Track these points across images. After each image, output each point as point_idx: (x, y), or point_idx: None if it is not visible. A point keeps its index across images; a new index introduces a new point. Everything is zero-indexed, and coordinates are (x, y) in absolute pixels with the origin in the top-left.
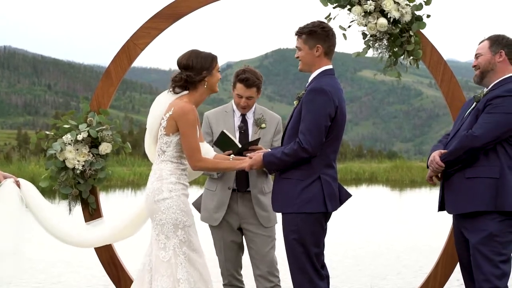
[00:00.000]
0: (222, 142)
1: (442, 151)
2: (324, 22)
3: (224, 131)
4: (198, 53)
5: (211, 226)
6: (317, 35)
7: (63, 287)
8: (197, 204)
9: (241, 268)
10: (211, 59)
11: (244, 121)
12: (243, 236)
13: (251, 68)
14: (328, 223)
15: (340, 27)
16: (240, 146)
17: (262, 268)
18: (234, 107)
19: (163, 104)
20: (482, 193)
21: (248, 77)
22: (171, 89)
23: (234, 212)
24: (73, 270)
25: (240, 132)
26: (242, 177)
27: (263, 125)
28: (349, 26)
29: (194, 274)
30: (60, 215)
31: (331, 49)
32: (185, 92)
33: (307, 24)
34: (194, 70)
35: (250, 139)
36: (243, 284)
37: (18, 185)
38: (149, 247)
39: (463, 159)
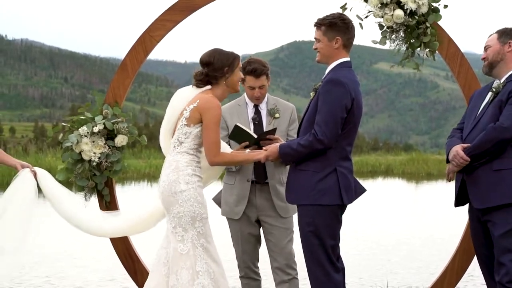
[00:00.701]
0: (237, 135)
1: (464, 145)
2: (344, 15)
3: (238, 124)
4: (221, 50)
5: (229, 219)
6: (337, 27)
7: (70, 281)
8: (217, 199)
9: (258, 260)
10: (233, 57)
11: (257, 112)
12: (261, 229)
13: (255, 58)
14: (344, 216)
15: (357, 16)
16: (255, 136)
17: (280, 261)
18: (247, 99)
19: (185, 98)
20: None
21: (255, 68)
22: (194, 85)
23: (252, 204)
24: (79, 264)
25: (254, 124)
26: (260, 168)
27: (276, 115)
28: (366, 17)
29: (213, 265)
30: (78, 204)
31: (350, 42)
32: (208, 87)
33: (327, 16)
34: (215, 66)
35: (265, 129)
36: (260, 277)
37: (35, 175)
38: (165, 239)
39: (491, 152)
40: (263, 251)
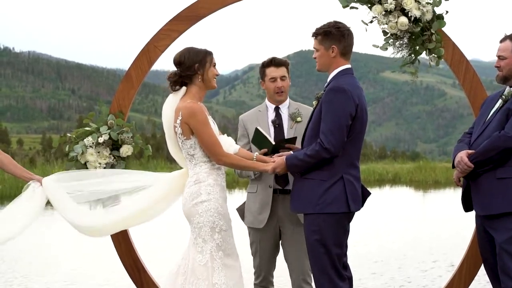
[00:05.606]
0: (257, 140)
1: (469, 151)
2: (340, 22)
3: (258, 127)
4: (191, 49)
5: (251, 228)
6: (332, 35)
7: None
8: (241, 210)
9: (274, 268)
10: (203, 53)
11: (278, 115)
12: (280, 239)
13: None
14: (351, 224)
15: (362, 21)
16: (273, 143)
17: (297, 274)
18: (268, 103)
19: (171, 109)
20: None
21: (274, 58)
22: (170, 89)
23: (275, 214)
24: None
25: (274, 127)
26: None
27: (298, 119)
28: (371, 22)
29: (232, 276)
30: (80, 208)
31: (347, 49)
32: (184, 90)
33: (323, 25)
34: (186, 64)
35: (286, 134)
36: (273, 286)
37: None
38: (186, 250)
39: (495, 160)
40: (281, 261)
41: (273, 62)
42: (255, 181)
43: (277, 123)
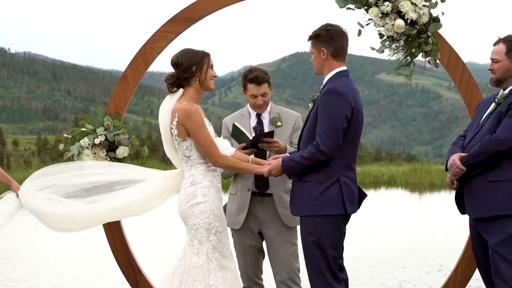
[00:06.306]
0: (236, 135)
1: (462, 154)
2: (331, 25)
3: (235, 123)
4: (189, 50)
5: (232, 229)
6: (321, 38)
7: None
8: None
9: (261, 272)
10: (201, 55)
11: (259, 121)
12: (263, 241)
13: (256, 67)
14: (347, 226)
15: (359, 23)
16: (250, 138)
17: (282, 274)
18: (250, 109)
19: (167, 111)
20: (507, 197)
21: (257, 75)
22: (167, 90)
23: (254, 216)
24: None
25: (256, 133)
26: (262, 178)
27: (278, 124)
28: (367, 24)
29: (228, 277)
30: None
31: (339, 51)
32: (181, 91)
33: (316, 28)
34: (184, 66)
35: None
36: None
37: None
38: (182, 251)
39: (486, 163)
40: (268, 263)
41: (255, 80)
42: (236, 183)
43: (258, 130)
